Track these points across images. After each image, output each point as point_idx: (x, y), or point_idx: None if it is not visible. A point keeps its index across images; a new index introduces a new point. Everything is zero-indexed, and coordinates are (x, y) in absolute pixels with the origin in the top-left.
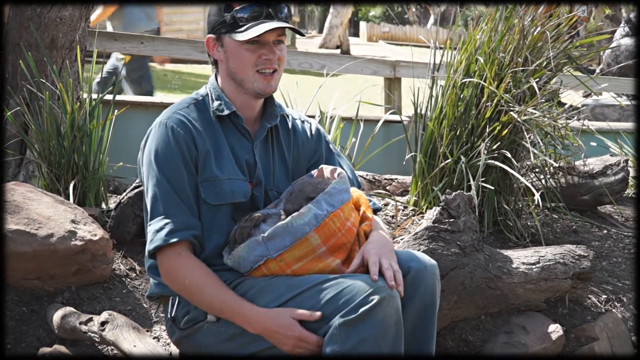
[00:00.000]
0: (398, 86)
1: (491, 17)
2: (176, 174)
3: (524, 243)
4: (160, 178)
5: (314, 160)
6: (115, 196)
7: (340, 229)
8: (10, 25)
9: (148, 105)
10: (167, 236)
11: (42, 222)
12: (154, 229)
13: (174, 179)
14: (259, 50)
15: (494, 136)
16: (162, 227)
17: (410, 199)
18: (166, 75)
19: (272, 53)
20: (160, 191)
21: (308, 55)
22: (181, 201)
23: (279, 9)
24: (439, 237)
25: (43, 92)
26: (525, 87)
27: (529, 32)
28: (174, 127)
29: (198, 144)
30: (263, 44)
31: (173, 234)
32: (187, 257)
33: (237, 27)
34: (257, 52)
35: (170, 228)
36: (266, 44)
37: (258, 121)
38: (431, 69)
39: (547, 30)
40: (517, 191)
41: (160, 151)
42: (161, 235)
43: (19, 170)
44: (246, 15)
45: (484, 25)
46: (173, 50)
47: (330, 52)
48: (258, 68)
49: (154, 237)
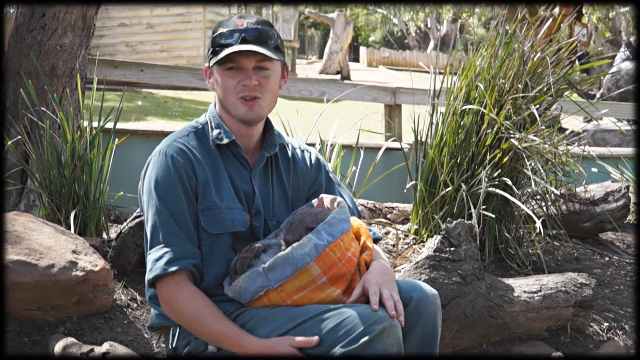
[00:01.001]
0: (398, 113)
1: (491, 43)
2: (176, 202)
3: (526, 271)
4: (160, 207)
5: (313, 190)
6: (116, 226)
7: (341, 259)
8: (11, 53)
9: (148, 134)
10: (166, 265)
11: (43, 253)
12: (154, 257)
13: (174, 207)
14: (238, 76)
15: (495, 163)
16: (162, 256)
17: (411, 227)
18: (166, 102)
19: (249, 79)
20: (160, 220)
21: (308, 82)
22: (181, 230)
23: (258, 36)
24: (440, 266)
25: (44, 121)
26: (526, 114)
27: (529, 58)
28: (173, 155)
29: (198, 172)
30: (241, 70)
31: (172, 263)
32: (187, 286)
33: (216, 53)
34: (237, 79)
35: (170, 257)
36: (245, 70)
37: (257, 150)
38: (431, 96)
39: (547, 56)
40: (518, 219)
41: (160, 180)
42: (160, 264)
43: (20, 200)
44: (224, 41)
45: (483, 51)
46: (172, 77)
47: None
48: (239, 95)
49: (154, 266)
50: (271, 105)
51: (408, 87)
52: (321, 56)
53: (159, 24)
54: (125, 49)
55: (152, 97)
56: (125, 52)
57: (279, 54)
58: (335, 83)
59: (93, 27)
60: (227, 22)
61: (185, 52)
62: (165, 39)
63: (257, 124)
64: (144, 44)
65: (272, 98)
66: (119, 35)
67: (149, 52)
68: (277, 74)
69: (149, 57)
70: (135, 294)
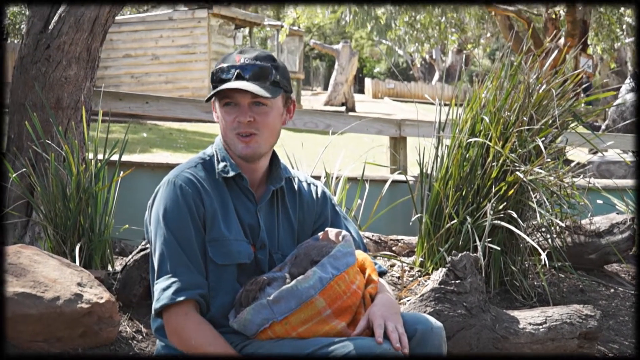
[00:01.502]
0: (403, 145)
1: (496, 75)
2: (184, 232)
3: (531, 303)
4: (167, 236)
5: (319, 223)
6: (121, 258)
7: (346, 292)
8: (15, 85)
9: (153, 167)
10: (173, 295)
11: (49, 285)
12: (161, 287)
13: (182, 237)
14: (235, 112)
15: (500, 196)
16: (169, 285)
17: (416, 259)
18: (171, 134)
19: (243, 115)
20: (167, 250)
21: (313, 115)
22: (188, 260)
23: (255, 71)
24: (445, 299)
25: (49, 154)
26: (531, 147)
27: (535, 90)
28: (182, 185)
29: (206, 202)
30: (236, 106)
31: (180, 292)
32: (194, 316)
33: (214, 88)
34: (233, 115)
35: (177, 287)
36: (240, 106)
37: (263, 183)
38: (437, 128)
39: (553, 88)
40: (524, 251)
41: (168, 209)
42: (168, 294)
43: (25, 232)
44: (220, 76)
45: (489, 83)
46: (177, 110)
47: (336, 109)
48: (235, 131)
49: (161, 296)
50: (270, 141)
51: (413, 119)
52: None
53: (164, 55)
54: (130, 80)
55: (157, 129)
56: (130, 84)
57: (276, 90)
58: (340, 115)
59: (98, 58)
60: (229, 57)
61: (190, 84)
62: (170, 70)
63: (259, 160)
64: (149, 75)
65: (271, 134)
66: (124, 67)
67: (154, 83)
68: (277, 110)
69: (154, 89)
70: (140, 326)
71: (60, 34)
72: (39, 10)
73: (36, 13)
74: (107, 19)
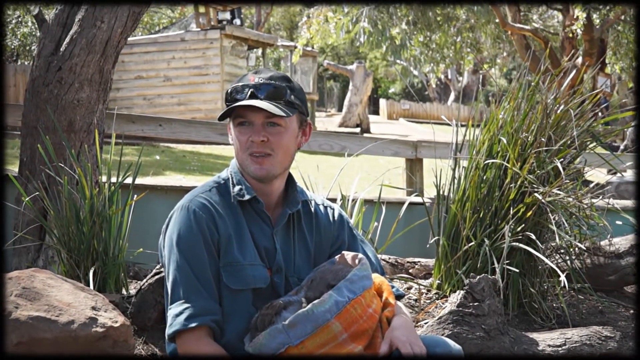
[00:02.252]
0: (420, 167)
1: (513, 96)
2: (197, 258)
3: (550, 325)
4: (181, 262)
5: (336, 247)
6: (136, 282)
7: (362, 315)
8: (27, 108)
9: (167, 190)
10: (186, 321)
11: (63, 309)
12: (174, 313)
13: (195, 263)
14: (248, 132)
15: (518, 218)
16: (182, 311)
17: (433, 282)
18: (185, 156)
19: (257, 135)
20: (180, 275)
21: (328, 136)
22: (201, 286)
23: (270, 91)
24: (463, 321)
25: (61, 177)
26: (550, 168)
27: (552, 110)
28: (196, 210)
29: (220, 227)
30: (250, 126)
31: (192, 318)
32: (206, 342)
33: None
34: (247, 135)
35: (190, 313)
36: (254, 126)
37: (279, 206)
38: (453, 150)
39: (571, 108)
40: (542, 273)
41: (182, 235)
42: (180, 319)
43: (38, 256)
44: (235, 96)
45: (506, 103)
46: (191, 132)
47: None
48: (248, 151)
49: (174, 322)
50: (284, 162)
51: (429, 140)
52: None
53: (176, 76)
54: (142, 102)
55: (170, 151)
56: (142, 105)
57: (290, 110)
58: (355, 137)
59: (110, 80)
60: (243, 77)
61: (203, 106)
62: (183, 92)
63: (274, 181)
64: (161, 97)
65: (285, 155)
66: (136, 88)
67: (166, 105)
68: (292, 131)
69: (166, 110)
70: (155, 350)
71: (72, 55)
72: (50, 32)
73: (47, 34)
74: (119, 40)
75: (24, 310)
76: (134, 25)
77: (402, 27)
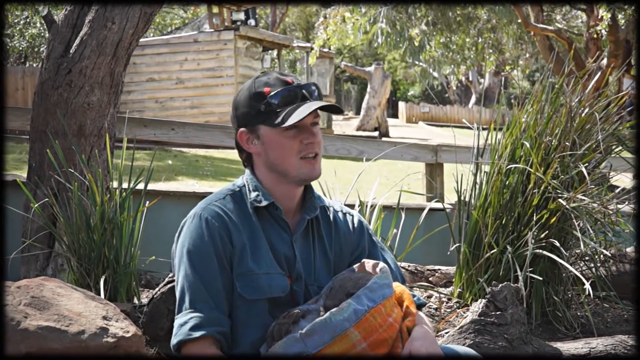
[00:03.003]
0: (440, 172)
1: (537, 98)
2: (207, 268)
3: (574, 334)
4: (190, 271)
5: (356, 254)
6: (148, 291)
7: (382, 324)
8: (36, 112)
9: (180, 195)
10: (190, 330)
11: (73, 319)
12: (179, 322)
13: (205, 273)
14: (299, 135)
15: (542, 224)
16: (187, 321)
17: (454, 290)
18: (198, 160)
19: (313, 136)
20: (188, 284)
21: (345, 141)
22: (209, 296)
23: (311, 89)
24: (485, 331)
25: (71, 183)
26: (574, 172)
27: (577, 114)
28: (208, 219)
29: (234, 237)
30: (302, 129)
31: (197, 328)
32: (210, 353)
33: (273, 114)
34: (298, 138)
35: (195, 323)
36: (305, 128)
37: (298, 213)
38: (475, 154)
39: (596, 112)
40: (567, 281)
41: (193, 244)
42: (185, 329)
43: (47, 264)
44: (281, 100)
45: (529, 106)
46: (205, 136)
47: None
48: (302, 154)
49: (178, 331)
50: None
51: (450, 144)
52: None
53: (189, 79)
54: (154, 105)
55: (183, 155)
56: (154, 109)
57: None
58: (373, 141)
59: (121, 83)
60: (269, 80)
61: (217, 109)
62: (196, 94)
63: None
64: (174, 99)
65: None
66: (148, 91)
67: (179, 108)
68: None
69: (179, 114)
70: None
71: (82, 57)
72: (59, 33)
73: (57, 36)
74: (131, 42)
75: (33, 320)
76: (145, 26)
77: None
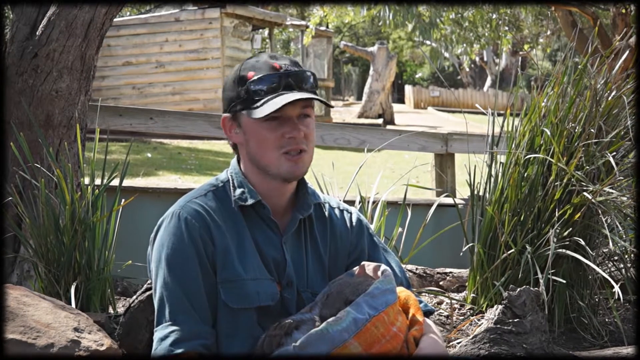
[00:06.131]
0: (451, 163)
1: (558, 80)
2: (188, 274)
3: (602, 343)
4: (168, 279)
5: (354, 256)
6: (124, 299)
7: (385, 335)
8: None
9: (160, 192)
10: (172, 346)
11: (41, 331)
12: (159, 336)
13: (185, 280)
14: (280, 128)
15: (565, 221)
16: (167, 335)
17: (467, 295)
18: (180, 153)
19: (296, 130)
20: (168, 294)
21: (345, 129)
22: (192, 306)
23: (301, 78)
24: (502, 340)
25: (38, 179)
26: (600, 163)
27: (603, 97)
28: (187, 218)
29: (216, 239)
30: (285, 120)
31: (178, 344)
32: None
33: (252, 102)
34: (279, 131)
35: (176, 337)
36: (289, 120)
37: (288, 211)
38: (489, 143)
39: (624, 95)
40: (593, 283)
41: (171, 248)
42: (165, 345)
43: (12, 270)
44: (263, 87)
45: (549, 89)
46: (187, 126)
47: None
48: (284, 149)
49: (158, 347)
50: (312, 157)
51: (462, 132)
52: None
53: (170, 62)
54: (131, 91)
55: (163, 147)
56: (131, 96)
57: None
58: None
59: (94, 68)
60: (257, 63)
61: (201, 95)
62: (178, 79)
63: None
64: (153, 85)
65: (313, 149)
66: (124, 76)
67: (159, 94)
68: (314, 121)
69: (159, 101)
70: None
71: (50, 40)
72: (24, 14)
73: (21, 17)
74: (104, 22)
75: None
76: (120, 4)
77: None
